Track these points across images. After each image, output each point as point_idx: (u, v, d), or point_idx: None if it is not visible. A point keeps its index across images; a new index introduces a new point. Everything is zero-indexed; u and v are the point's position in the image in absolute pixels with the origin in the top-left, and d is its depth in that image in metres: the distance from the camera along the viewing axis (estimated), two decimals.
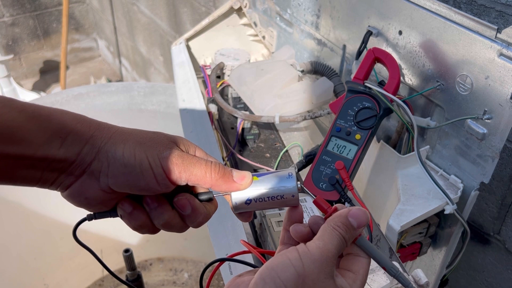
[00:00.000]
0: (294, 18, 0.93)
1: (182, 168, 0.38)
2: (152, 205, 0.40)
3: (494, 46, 0.53)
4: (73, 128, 0.38)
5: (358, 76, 0.64)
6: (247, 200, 0.40)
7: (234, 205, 0.41)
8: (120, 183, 0.38)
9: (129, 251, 1.11)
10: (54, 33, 2.89)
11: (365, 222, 0.36)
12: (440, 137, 0.66)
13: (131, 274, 1.14)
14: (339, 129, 0.63)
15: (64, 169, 0.38)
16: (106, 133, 0.39)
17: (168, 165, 0.38)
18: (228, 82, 0.91)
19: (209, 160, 0.40)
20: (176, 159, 0.38)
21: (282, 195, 0.40)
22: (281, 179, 0.40)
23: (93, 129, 0.39)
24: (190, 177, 0.39)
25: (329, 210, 0.38)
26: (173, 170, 0.38)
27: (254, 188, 0.40)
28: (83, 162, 0.38)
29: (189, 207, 0.40)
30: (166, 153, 0.38)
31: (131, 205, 0.40)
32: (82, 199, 0.39)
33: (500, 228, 0.64)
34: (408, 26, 0.64)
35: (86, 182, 0.38)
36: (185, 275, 1.70)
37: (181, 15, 1.76)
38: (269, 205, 0.40)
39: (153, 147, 0.38)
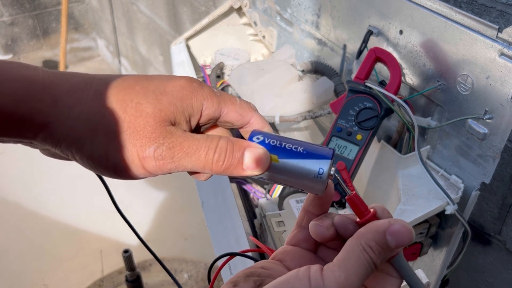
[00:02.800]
0: (294, 18, 0.93)
1: (173, 166, 0.30)
2: None
3: (495, 45, 0.53)
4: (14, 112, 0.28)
5: (359, 76, 0.64)
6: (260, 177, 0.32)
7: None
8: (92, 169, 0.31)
9: (128, 252, 1.11)
10: (54, 32, 2.89)
11: (406, 242, 0.28)
12: (440, 137, 0.66)
13: (131, 274, 1.14)
14: (340, 129, 0.63)
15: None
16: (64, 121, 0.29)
17: (152, 165, 0.30)
18: (228, 82, 0.91)
19: (212, 147, 0.30)
20: (164, 155, 0.29)
21: (304, 189, 0.32)
22: (308, 174, 0.31)
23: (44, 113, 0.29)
24: (183, 169, 0.31)
25: (366, 214, 0.31)
26: (159, 167, 0.30)
27: (271, 173, 0.32)
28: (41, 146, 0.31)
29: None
30: (149, 151, 0.29)
31: None
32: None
33: (501, 228, 0.64)
34: (409, 25, 0.64)
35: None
36: (185, 276, 1.69)
37: (181, 14, 1.75)
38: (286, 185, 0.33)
39: (131, 142, 0.29)
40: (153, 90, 0.30)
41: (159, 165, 0.30)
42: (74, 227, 1.75)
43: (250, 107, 0.34)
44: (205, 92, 0.32)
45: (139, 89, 0.30)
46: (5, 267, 1.64)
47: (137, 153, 0.29)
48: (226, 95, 0.33)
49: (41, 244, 1.70)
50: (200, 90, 0.32)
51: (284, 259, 0.33)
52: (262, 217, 0.65)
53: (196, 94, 0.32)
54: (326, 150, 0.32)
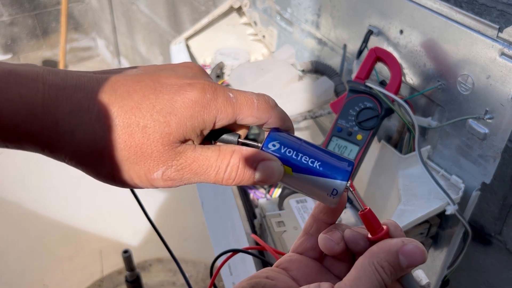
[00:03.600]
0: (294, 18, 0.93)
1: (181, 183, 0.30)
2: None
3: (495, 45, 0.53)
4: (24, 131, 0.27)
5: (359, 76, 0.64)
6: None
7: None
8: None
9: (128, 252, 1.10)
10: (53, 32, 2.88)
11: (419, 263, 0.28)
12: (441, 137, 0.66)
13: (130, 275, 1.14)
14: (340, 129, 0.62)
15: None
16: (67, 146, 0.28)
17: (160, 185, 0.30)
18: (228, 81, 0.91)
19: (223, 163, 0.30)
20: (173, 177, 0.30)
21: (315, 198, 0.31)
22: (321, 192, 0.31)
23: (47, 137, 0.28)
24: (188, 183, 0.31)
25: (379, 232, 0.30)
26: (166, 186, 0.30)
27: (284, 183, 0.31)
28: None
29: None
30: (157, 174, 0.29)
31: None
32: None
33: (501, 228, 0.64)
34: (409, 25, 0.64)
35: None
36: None
37: (181, 14, 1.75)
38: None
39: (139, 166, 0.29)
40: (161, 109, 0.29)
41: (168, 185, 0.30)
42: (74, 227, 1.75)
43: (268, 106, 0.32)
44: (219, 104, 0.30)
45: (146, 107, 0.29)
46: (5, 267, 1.64)
47: (145, 175, 0.29)
48: (243, 99, 0.31)
49: (41, 244, 1.70)
50: (214, 102, 0.30)
51: (290, 268, 0.33)
52: (262, 217, 0.64)
53: (209, 108, 0.30)
54: (344, 168, 0.31)
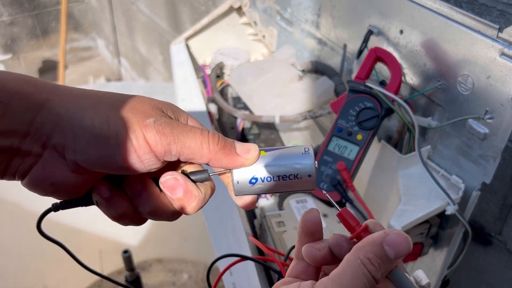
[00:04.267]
0: (294, 17, 0.93)
1: (172, 139, 0.31)
2: (135, 188, 0.32)
3: (495, 45, 0.53)
4: (18, 90, 0.29)
5: (359, 76, 0.64)
6: (252, 179, 0.33)
7: (236, 186, 0.33)
8: (91, 160, 0.30)
9: (128, 252, 1.10)
10: (53, 32, 2.88)
11: (405, 251, 0.27)
12: (441, 137, 0.66)
13: (130, 275, 1.14)
14: (340, 129, 0.62)
15: (17, 147, 0.29)
16: (66, 97, 0.30)
17: (153, 135, 0.30)
18: (228, 81, 0.91)
19: (205, 129, 0.33)
20: (164, 127, 0.30)
21: (296, 174, 0.32)
22: (294, 155, 0.33)
23: (47, 92, 0.30)
24: (182, 149, 0.31)
25: (356, 229, 0.30)
26: (160, 141, 0.30)
27: (261, 164, 0.33)
28: (39, 134, 0.29)
29: (180, 189, 0.32)
30: (150, 120, 0.30)
31: (108, 189, 0.32)
32: (47, 185, 0.30)
33: (501, 228, 0.64)
34: (409, 25, 0.64)
35: (49, 163, 0.30)
36: (185, 276, 1.69)
37: (181, 14, 1.75)
38: (279, 187, 0.33)
39: (132, 113, 0.30)
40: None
41: (160, 137, 0.30)
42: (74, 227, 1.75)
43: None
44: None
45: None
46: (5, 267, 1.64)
47: (137, 122, 0.30)
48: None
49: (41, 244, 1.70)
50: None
51: None
52: (262, 217, 0.64)
53: None
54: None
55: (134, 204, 0.32)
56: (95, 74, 2.97)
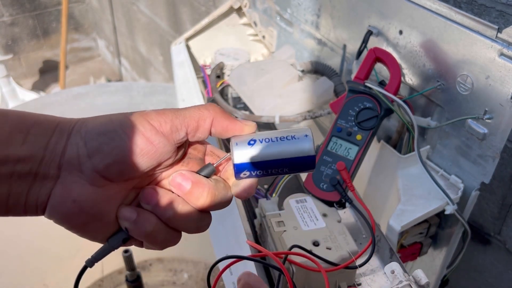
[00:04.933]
0: (294, 18, 0.93)
1: (172, 114, 0.32)
2: (154, 198, 0.33)
3: (494, 46, 0.53)
4: (35, 121, 0.31)
5: (359, 76, 0.64)
6: (251, 140, 0.33)
7: (235, 149, 0.33)
8: (106, 159, 0.30)
9: (128, 252, 1.11)
10: (54, 33, 2.89)
11: None
12: (440, 137, 0.66)
13: (131, 274, 1.14)
14: (340, 129, 0.63)
15: (35, 171, 0.30)
16: (74, 119, 0.33)
17: (154, 116, 0.32)
18: (228, 82, 0.91)
19: None
20: (164, 111, 0.33)
21: (293, 135, 0.33)
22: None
23: (59, 119, 0.32)
24: (185, 120, 0.32)
25: None
26: (163, 120, 0.32)
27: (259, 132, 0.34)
28: (54, 155, 0.31)
29: (188, 182, 0.33)
30: (150, 110, 0.33)
31: (133, 209, 0.33)
32: (70, 204, 0.31)
33: (500, 228, 0.64)
34: (409, 25, 0.64)
35: (68, 180, 0.31)
36: (185, 276, 1.69)
37: (181, 14, 1.75)
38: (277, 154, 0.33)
39: (130, 112, 0.33)
40: None
41: (161, 116, 0.32)
42: None
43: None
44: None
45: None
46: (5, 267, 1.64)
47: (138, 113, 0.32)
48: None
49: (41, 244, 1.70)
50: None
51: None
52: (262, 217, 0.64)
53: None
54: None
55: (159, 216, 0.33)
56: (95, 74, 2.97)
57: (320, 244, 0.53)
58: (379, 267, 0.56)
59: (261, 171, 0.34)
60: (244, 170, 0.33)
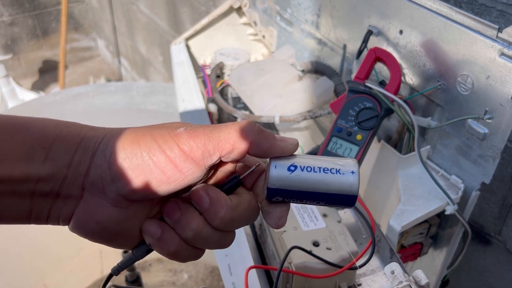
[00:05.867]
0: (294, 18, 0.93)
1: (206, 138, 0.29)
2: (175, 214, 0.31)
3: (495, 45, 0.53)
4: (58, 134, 0.29)
5: (359, 76, 0.64)
6: (291, 166, 0.30)
7: (272, 173, 0.30)
8: (130, 184, 0.29)
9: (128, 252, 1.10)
10: (53, 32, 2.89)
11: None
12: (441, 137, 0.66)
13: (131, 275, 1.14)
14: (340, 129, 0.62)
15: (57, 191, 0.29)
16: (100, 132, 0.31)
17: (185, 140, 0.29)
18: (228, 82, 0.91)
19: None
20: (195, 130, 0.29)
21: (338, 168, 0.30)
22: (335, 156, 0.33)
23: (84, 131, 0.30)
24: (219, 144, 0.29)
25: None
26: (195, 144, 0.29)
27: (301, 155, 0.31)
28: (77, 175, 0.29)
29: (206, 199, 0.30)
30: (180, 129, 0.30)
31: (158, 225, 0.31)
32: (92, 224, 0.30)
33: (501, 228, 0.64)
34: (409, 25, 0.64)
35: (91, 202, 0.30)
36: (185, 276, 1.69)
37: (181, 14, 1.75)
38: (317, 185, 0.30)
39: (160, 129, 0.30)
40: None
41: (193, 140, 0.29)
42: None
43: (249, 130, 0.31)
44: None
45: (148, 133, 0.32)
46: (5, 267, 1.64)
47: (168, 134, 0.30)
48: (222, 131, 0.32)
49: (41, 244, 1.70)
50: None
51: None
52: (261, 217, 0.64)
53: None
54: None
55: (180, 235, 0.31)
56: (95, 74, 2.97)
57: (320, 244, 0.52)
58: (379, 267, 0.56)
59: (296, 200, 0.31)
60: (278, 195, 0.31)
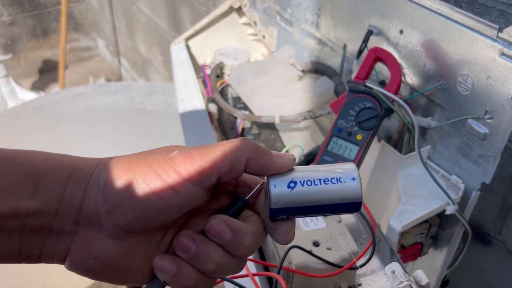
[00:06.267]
0: (294, 18, 0.93)
1: (202, 159, 0.28)
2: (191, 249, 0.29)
3: (495, 45, 0.53)
4: (48, 167, 0.28)
5: (359, 76, 0.64)
6: (290, 182, 0.29)
7: (272, 192, 0.29)
8: (128, 215, 0.28)
9: None
10: (53, 32, 2.89)
11: None
12: (441, 137, 0.66)
13: None
14: (340, 129, 0.62)
15: (49, 226, 0.27)
16: (91, 162, 0.29)
17: (181, 163, 0.28)
18: (228, 81, 0.91)
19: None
20: (190, 151, 0.29)
21: (338, 177, 0.29)
22: (333, 163, 0.31)
23: (75, 162, 0.29)
24: (216, 164, 0.28)
25: None
26: (191, 166, 0.28)
27: (299, 169, 0.30)
28: (70, 208, 0.28)
29: (227, 231, 0.29)
30: (175, 152, 0.29)
31: (172, 260, 0.29)
32: (92, 261, 0.28)
33: (501, 228, 0.64)
34: (409, 25, 0.64)
35: (87, 236, 0.28)
36: None
37: (181, 14, 1.75)
38: (320, 198, 0.29)
39: (154, 153, 0.29)
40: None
41: (189, 162, 0.28)
42: None
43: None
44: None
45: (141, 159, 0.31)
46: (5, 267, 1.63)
47: (163, 158, 0.29)
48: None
49: None
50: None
51: None
52: None
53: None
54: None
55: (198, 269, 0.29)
56: (95, 74, 2.97)
57: (320, 244, 0.52)
58: (380, 267, 0.56)
59: (300, 215, 0.30)
60: (281, 214, 0.30)
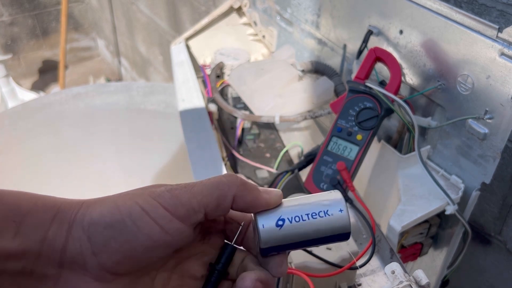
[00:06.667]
0: (294, 18, 0.93)
1: (189, 194, 0.28)
2: None
3: (495, 45, 0.53)
4: (31, 208, 0.27)
5: (359, 76, 0.64)
6: (279, 220, 0.30)
7: (262, 232, 0.30)
8: (114, 255, 0.27)
9: None
10: (53, 32, 2.88)
11: None
12: (441, 137, 0.66)
13: None
14: (340, 129, 0.62)
15: (30, 270, 0.26)
16: (76, 203, 0.28)
17: (169, 198, 0.28)
18: (228, 81, 0.91)
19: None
20: (177, 188, 0.29)
21: (325, 210, 0.30)
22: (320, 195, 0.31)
23: (59, 203, 0.28)
24: (203, 199, 0.28)
25: None
26: (179, 202, 0.28)
27: (286, 205, 0.31)
28: (52, 250, 0.27)
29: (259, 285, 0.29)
30: (160, 189, 0.28)
31: None
32: None
33: (501, 228, 0.64)
34: (409, 25, 0.64)
35: (71, 281, 0.27)
36: None
37: (181, 14, 1.75)
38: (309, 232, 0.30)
39: (140, 191, 0.29)
40: None
41: (176, 198, 0.28)
42: None
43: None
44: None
45: None
46: None
47: (149, 195, 0.28)
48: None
49: None
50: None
51: None
52: None
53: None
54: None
55: None
56: (95, 74, 2.97)
57: None
58: (380, 267, 0.56)
59: (291, 249, 0.31)
60: (272, 251, 0.31)
